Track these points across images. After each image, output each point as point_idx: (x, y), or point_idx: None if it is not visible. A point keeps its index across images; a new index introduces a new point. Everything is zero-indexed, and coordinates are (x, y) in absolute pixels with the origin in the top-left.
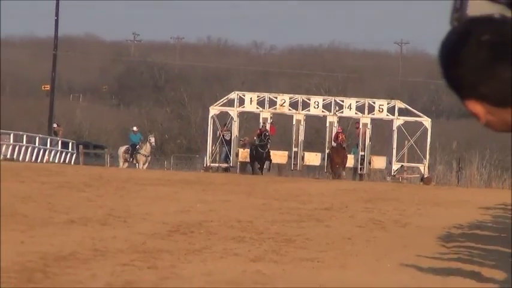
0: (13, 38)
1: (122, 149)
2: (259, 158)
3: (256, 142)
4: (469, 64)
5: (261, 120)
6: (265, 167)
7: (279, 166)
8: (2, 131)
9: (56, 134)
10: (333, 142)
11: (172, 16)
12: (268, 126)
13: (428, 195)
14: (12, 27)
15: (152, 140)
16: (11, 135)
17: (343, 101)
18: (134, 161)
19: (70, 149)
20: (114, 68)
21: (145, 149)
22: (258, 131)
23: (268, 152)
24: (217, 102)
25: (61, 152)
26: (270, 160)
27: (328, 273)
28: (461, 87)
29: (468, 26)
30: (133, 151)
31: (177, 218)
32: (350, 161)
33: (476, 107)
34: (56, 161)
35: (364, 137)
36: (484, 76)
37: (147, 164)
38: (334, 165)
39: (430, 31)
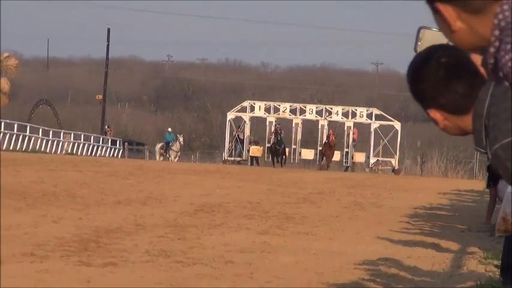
0: (74, 58)
1: (158, 145)
2: (277, 153)
3: (273, 140)
4: (430, 80)
5: (267, 123)
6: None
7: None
8: (64, 131)
9: (106, 134)
10: (325, 139)
11: (199, 40)
12: (273, 128)
13: (398, 183)
14: (73, 50)
15: (181, 139)
16: (72, 135)
17: (332, 108)
18: (168, 155)
19: (118, 146)
20: (152, 82)
21: (176, 146)
22: (274, 131)
23: (284, 148)
24: (233, 109)
25: (110, 148)
26: (285, 155)
27: (320, 244)
28: (423, 99)
29: (430, 51)
30: (167, 147)
31: (201, 199)
32: (337, 156)
33: (435, 114)
34: (107, 155)
35: (349, 137)
36: (441, 90)
37: (177, 157)
38: (326, 157)
39: (400, 54)
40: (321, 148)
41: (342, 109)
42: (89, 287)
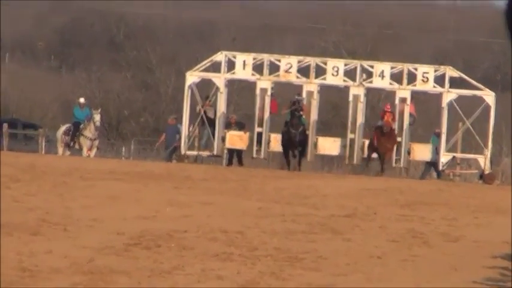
0: None
1: (62, 129)
2: (294, 144)
3: (289, 122)
4: None
5: (257, 92)
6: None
7: (281, 155)
8: None
9: None
10: (378, 122)
11: None
12: (268, 101)
13: (490, 198)
14: None
15: (97, 118)
16: None
17: (372, 67)
18: (78, 147)
19: None
20: (54, 17)
21: (91, 131)
22: (291, 103)
23: (307, 136)
24: (198, 66)
25: None
26: (306, 148)
27: None
28: None
29: None
30: (76, 132)
31: (138, 226)
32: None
33: None
34: None
35: (402, 117)
36: None
37: (94, 150)
38: (381, 152)
39: None
40: (373, 133)
41: (391, 68)
42: None
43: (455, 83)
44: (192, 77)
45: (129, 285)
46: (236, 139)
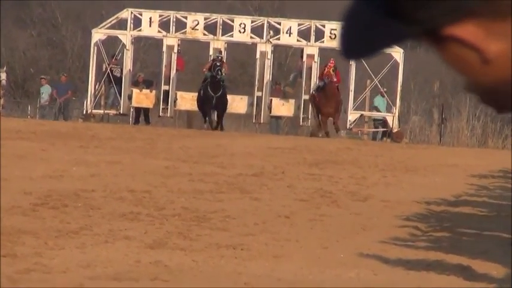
0: None
1: None
2: (212, 104)
3: (208, 79)
4: None
5: (164, 49)
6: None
7: (189, 114)
8: None
9: None
10: (320, 81)
11: None
12: (174, 59)
13: (399, 157)
14: None
15: (3, 76)
16: None
17: (280, 24)
18: None
19: None
20: None
21: None
22: (211, 61)
23: (226, 96)
24: (103, 24)
25: None
26: (225, 107)
27: (257, 266)
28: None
29: None
30: None
31: (44, 185)
32: (288, 110)
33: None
34: None
35: (310, 74)
36: None
37: None
38: (324, 113)
39: None
40: (312, 93)
41: (299, 25)
42: None
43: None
44: (98, 35)
45: (36, 245)
46: (142, 97)
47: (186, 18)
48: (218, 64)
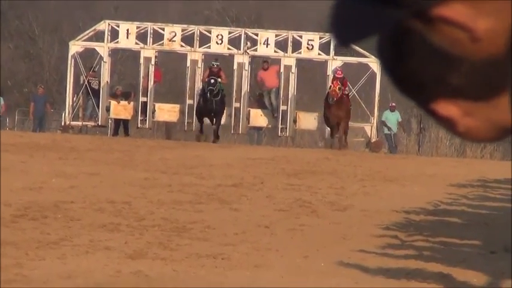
0: None
1: None
2: (210, 113)
3: (207, 91)
4: (422, 51)
5: (141, 61)
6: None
7: (167, 125)
8: None
9: None
10: (328, 93)
11: None
12: (152, 70)
13: (377, 166)
14: None
15: None
16: None
17: (257, 35)
18: None
19: None
20: None
21: None
22: (208, 74)
23: (224, 106)
24: (81, 36)
25: None
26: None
27: (237, 275)
28: (420, 87)
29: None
30: None
31: (24, 197)
32: (262, 120)
33: (449, 109)
34: None
35: (287, 85)
36: (450, 62)
37: None
38: (333, 120)
39: None
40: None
41: (276, 36)
42: None
43: (340, 50)
44: (76, 47)
45: (17, 256)
46: (120, 109)
47: (163, 29)
48: (212, 81)
